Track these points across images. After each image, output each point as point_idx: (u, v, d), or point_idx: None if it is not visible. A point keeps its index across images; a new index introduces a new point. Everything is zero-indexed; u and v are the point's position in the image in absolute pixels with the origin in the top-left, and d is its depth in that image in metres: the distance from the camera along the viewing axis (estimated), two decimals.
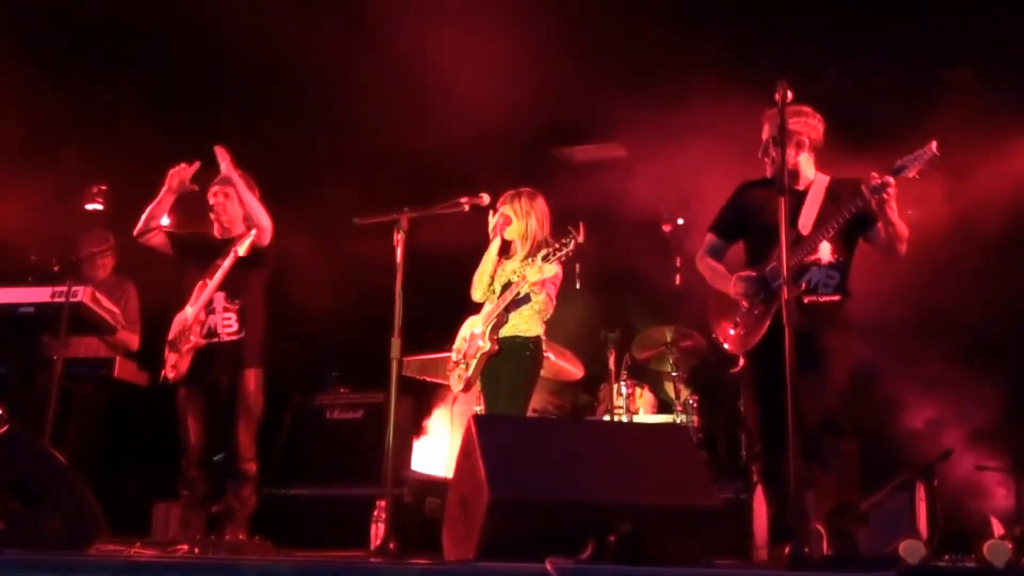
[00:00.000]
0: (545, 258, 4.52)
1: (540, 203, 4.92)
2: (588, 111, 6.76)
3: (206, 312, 4.90)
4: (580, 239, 4.46)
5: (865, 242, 4.11)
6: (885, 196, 3.79)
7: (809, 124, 4.17)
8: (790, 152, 4.05)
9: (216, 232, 5.11)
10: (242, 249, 4.86)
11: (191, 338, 4.86)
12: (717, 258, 4.37)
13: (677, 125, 6.37)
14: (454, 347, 5.02)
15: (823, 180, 4.16)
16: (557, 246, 4.51)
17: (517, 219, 4.88)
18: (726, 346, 4.22)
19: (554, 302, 4.78)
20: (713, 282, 4.32)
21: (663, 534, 3.15)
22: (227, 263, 4.87)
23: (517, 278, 4.72)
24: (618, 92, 6.41)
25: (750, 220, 4.24)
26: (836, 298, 4.02)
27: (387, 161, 6.87)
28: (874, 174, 3.83)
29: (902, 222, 3.94)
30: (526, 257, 4.82)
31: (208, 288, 4.89)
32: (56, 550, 3.32)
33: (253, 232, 4.91)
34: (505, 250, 5.02)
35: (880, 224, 3.94)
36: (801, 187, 4.14)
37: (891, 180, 3.78)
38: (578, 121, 6.98)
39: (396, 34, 5.85)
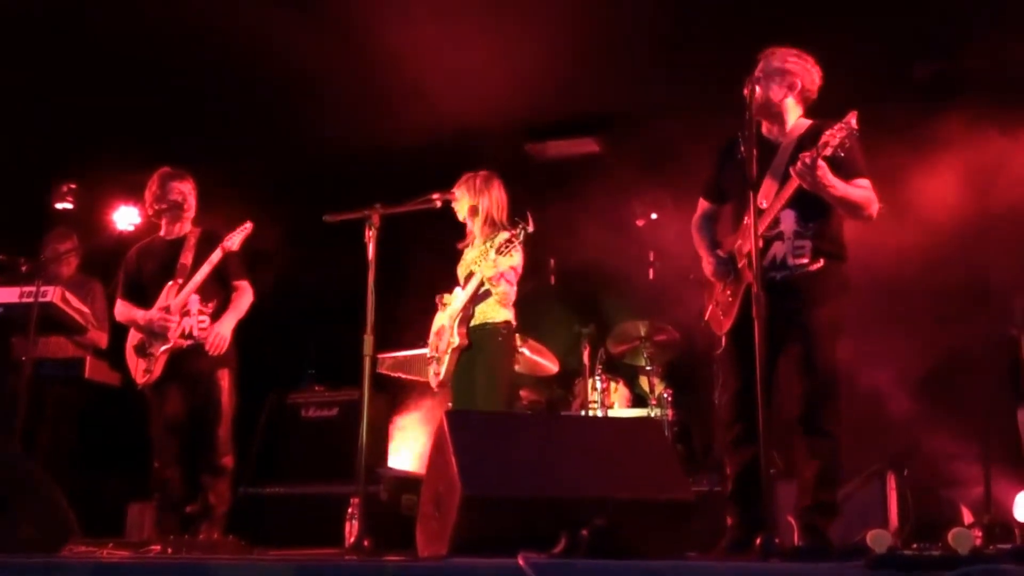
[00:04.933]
0: (499, 251, 4.47)
1: (496, 185, 4.83)
2: (561, 106, 6.77)
3: (181, 314, 4.88)
4: (530, 229, 4.45)
5: None
6: (815, 176, 3.53)
7: (806, 69, 3.87)
8: (777, 91, 3.84)
9: (163, 231, 5.11)
10: (235, 243, 4.90)
11: (169, 339, 4.83)
12: (709, 224, 4.13)
13: (652, 119, 6.39)
14: (429, 343, 4.99)
15: (799, 129, 3.85)
16: (508, 238, 4.46)
17: (470, 198, 4.79)
18: (711, 325, 4.06)
19: (515, 287, 4.72)
20: (700, 254, 4.12)
21: (637, 528, 3.16)
22: (214, 259, 4.88)
23: (477, 271, 4.66)
24: (591, 87, 6.42)
25: (729, 184, 4.01)
26: (816, 266, 3.72)
27: (358, 158, 6.84)
28: (802, 154, 3.56)
29: (854, 188, 3.67)
30: (484, 241, 4.76)
31: (186, 289, 4.88)
32: (27, 553, 3.29)
33: (247, 227, 4.96)
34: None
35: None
36: (776, 137, 3.89)
37: (808, 161, 3.51)
38: (551, 116, 6.98)
39: (366, 30, 5.82)
